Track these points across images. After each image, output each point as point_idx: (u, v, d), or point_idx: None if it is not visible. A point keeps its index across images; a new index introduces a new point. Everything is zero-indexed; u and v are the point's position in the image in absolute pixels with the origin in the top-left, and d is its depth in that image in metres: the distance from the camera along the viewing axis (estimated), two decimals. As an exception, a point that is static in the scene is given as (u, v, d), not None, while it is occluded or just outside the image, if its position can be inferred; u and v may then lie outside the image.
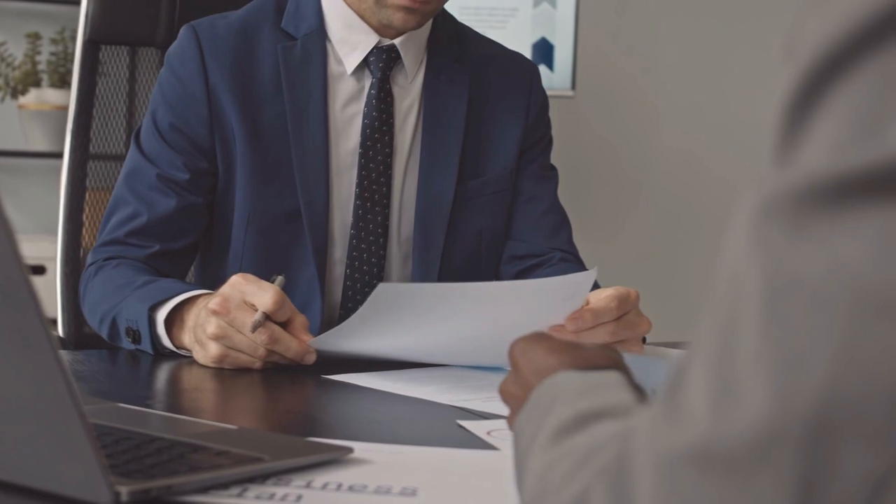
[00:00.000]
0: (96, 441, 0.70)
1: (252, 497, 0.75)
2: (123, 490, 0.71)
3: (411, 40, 1.57)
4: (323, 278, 1.54)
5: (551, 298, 1.27)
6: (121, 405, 1.02)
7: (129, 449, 0.81)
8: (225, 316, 1.25)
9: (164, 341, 1.34)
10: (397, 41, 1.56)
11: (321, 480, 0.80)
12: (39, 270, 3.14)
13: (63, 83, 3.44)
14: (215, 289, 1.30)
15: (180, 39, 1.55)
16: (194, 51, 1.52)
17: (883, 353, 0.47)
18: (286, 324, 1.27)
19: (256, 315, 1.24)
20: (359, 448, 0.87)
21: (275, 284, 1.27)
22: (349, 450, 0.86)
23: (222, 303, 1.25)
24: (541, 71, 1.75)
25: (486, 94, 1.65)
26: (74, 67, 1.78)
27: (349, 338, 1.26)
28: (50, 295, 1.64)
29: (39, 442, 0.73)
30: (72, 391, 0.68)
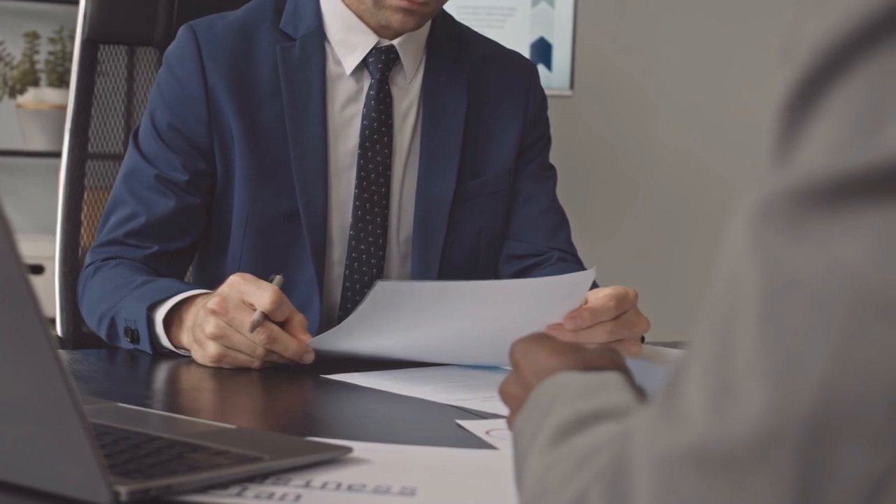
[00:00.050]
0: (95, 441, 0.70)
1: (251, 496, 0.75)
2: (122, 490, 0.71)
3: (410, 41, 1.57)
4: (322, 279, 1.54)
5: (550, 298, 1.27)
6: (119, 405, 1.02)
7: (128, 448, 0.81)
8: (223, 315, 1.25)
9: (163, 341, 1.34)
10: (396, 42, 1.56)
11: (320, 480, 0.80)
12: (38, 270, 3.14)
13: (61, 82, 3.44)
14: (214, 289, 1.30)
15: (179, 39, 1.55)
16: (193, 51, 1.52)
17: (881, 353, 0.47)
18: (285, 323, 1.27)
19: (255, 315, 1.24)
20: (358, 447, 0.87)
21: (273, 284, 1.27)
22: (348, 449, 0.86)
23: (221, 302, 1.25)
24: (539, 70, 1.75)
25: (485, 94, 1.65)
26: (73, 67, 1.78)
27: (348, 337, 1.26)
28: (48, 294, 1.63)
29: (38, 441, 0.73)
30: (71, 391, 0.68)
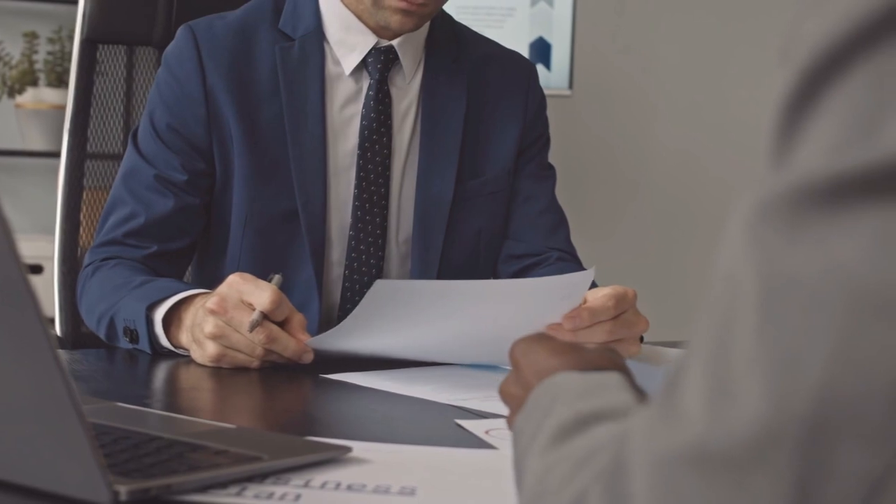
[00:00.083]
0: (95, 440, 0.70)
1: (251, 496, 0.75)
2: (122, 489, 0.71)
3: (409, 41, 1.57)
4: (321, 279, 1.54)
5: (549, 297, 1.27)
6: (119, 404, 1.02)
7: (128, 448, 0.81)
8: (222, 315, 1.25)
9: (162, 340, 1.34)
10: (395, 42, 1.56)
11: (320, 479, 0.80)
12: (37, 270, 3.14)
13: (60, 82, 3.44)
14: (213, 289, 1.30)
15: (178, 39, 1.55)
16: (192, 51, 1.52)
17: (880, 353, 0.47)
18: (284, 323, 1.27)
19: (254, 314, 1.24)
20: (357, 447, 0.87)
21: (272, 284, 1.27)
22: (348, 449, 0.86)
23: (220, 302, 1.25)
24: (538, 70, 1.75)
25: (485, 94, 1.65)
26: (72, 66, 1.78)
27: (347, 337, 1.26)
28: (47, 294, 1.63)
29: (38, 441, 0.73)
30: (70, 390, 0.68)
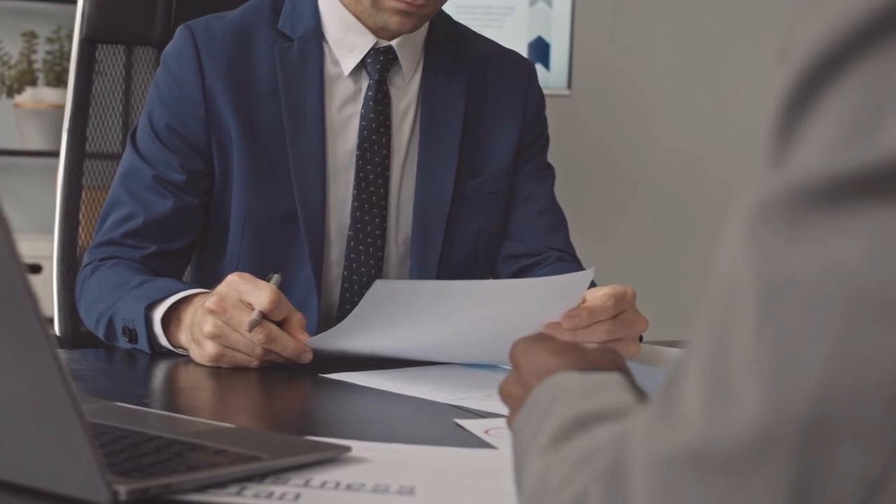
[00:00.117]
0: (94, 440, 0.70)
1: (250, 496, 0.75)
2: (121, 489, 0.71)
3: (408, 42, 1.57)
4: (320, 279, 1.53)
5: (548, 297, 1.27)
6: (118, 404, 1.02)
7: (127, 448, 0.81)
8: (221, 315, 1.25)
9: (161, 340, 1.34)
10: (394, 42, 1.56)
11: (319, 479, 0.80)
12: (35, 269, 3.14)
13: (59, 82, 3.44)
14: (212, 289, 1.30)
15: (176, 39, 1.55)
16: (191, 51, 1.52)
17: (879, 354, 0.47)
18: (283, 322, 1.27)
19: (253, 314, 1.24)
20: (356, 447, 0.87)
21: (271, 283, 1.27)
22: (347, 448, 0.86)
23: (219, 302, 1.25)
24: (537, 70, 1.74)
25: (484, 94, 1.65)
26: (71, 66, 1.78)
27: (346, 336, 1.26)
28: (46, 294, 1.63)
29: (37, 441, 0.73)
30: (69, 390, 0.68)
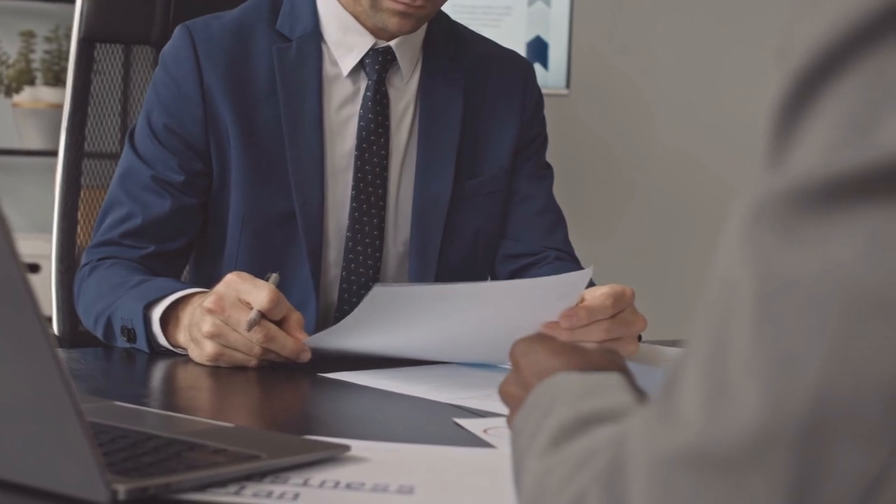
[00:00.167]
0: (93, 439, 0.70)
1: (249, 495, 0.75)
2: (121, 488, 0.71)
3: (407, 42, 1.57)
4: (318, 280, 1.53)
5: (547, 297, 1.27)
6: (117, 403, 1.02)
7: (126, 447, 0.81)
8: (220, 314, 1.25)
9: (160, 340, 1.34)
10: (393, 43, 1.56)
11: (318, 478, 0.80)
12: (34, 269, 3.14)
13: (57, 81, 3.43)
14: (210, 289, 1.30)
15: (175, 39, 1.54)
16: (189, 51, 1.52)
17: (877, 353, 0.47)
18: (282, 322, 1.27)
19: (252, 313, 1.24)
20: (356, 446, 0.87)
21: (269, 282, 1.27)
22: (346, 448, 0.86)
23: (217, 301, 1.25)
24: (535, 69, 1.74)
25: (482, 94, 1.65)
26: (69, 65, 1.77)
27: (345, 335, 1.26)
28: (45, 293, 1.63)
29: (37, 440, 0.73)
30: (69, 389, 0.68)
